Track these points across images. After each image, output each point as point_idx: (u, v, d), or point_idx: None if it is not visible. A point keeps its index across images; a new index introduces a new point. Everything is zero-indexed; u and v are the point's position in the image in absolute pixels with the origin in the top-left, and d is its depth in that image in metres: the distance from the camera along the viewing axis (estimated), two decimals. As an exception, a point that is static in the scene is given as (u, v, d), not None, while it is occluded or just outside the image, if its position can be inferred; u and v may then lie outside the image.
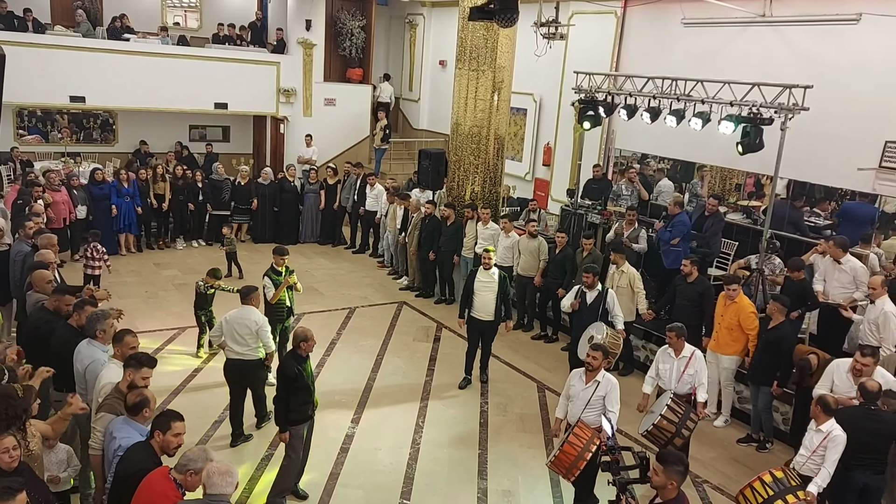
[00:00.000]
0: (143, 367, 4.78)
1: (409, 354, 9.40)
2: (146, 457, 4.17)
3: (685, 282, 8.42)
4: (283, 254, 8.26)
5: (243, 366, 6.88)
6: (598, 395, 5.99)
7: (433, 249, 11.20)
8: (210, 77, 15.01)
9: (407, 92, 19.08)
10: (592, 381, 6.04)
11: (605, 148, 13.00)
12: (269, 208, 13.74)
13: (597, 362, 6.04)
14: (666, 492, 4.23)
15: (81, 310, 5.73)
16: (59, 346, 5.66)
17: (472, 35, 10.98)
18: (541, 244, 10.02)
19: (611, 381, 6.04)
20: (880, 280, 7.28)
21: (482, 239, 10.55)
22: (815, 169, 9.84)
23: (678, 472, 4.23)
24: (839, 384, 6.34)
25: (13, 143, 14.19)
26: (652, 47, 12.01)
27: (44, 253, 7.29)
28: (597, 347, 6.13)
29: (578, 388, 6.10)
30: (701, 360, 6.66)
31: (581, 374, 6.16)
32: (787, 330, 7.40)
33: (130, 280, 11.36)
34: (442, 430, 7.56)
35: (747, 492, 5.31)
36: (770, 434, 7.60)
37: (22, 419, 4.33)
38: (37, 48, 13.35)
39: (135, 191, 12.49)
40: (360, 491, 6.40)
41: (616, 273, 8.87)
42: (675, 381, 6.62)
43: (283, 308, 8.15)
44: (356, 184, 13.75)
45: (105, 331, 5.46)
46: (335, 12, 16.88)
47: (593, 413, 5.98)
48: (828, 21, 9.61)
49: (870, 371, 6.10)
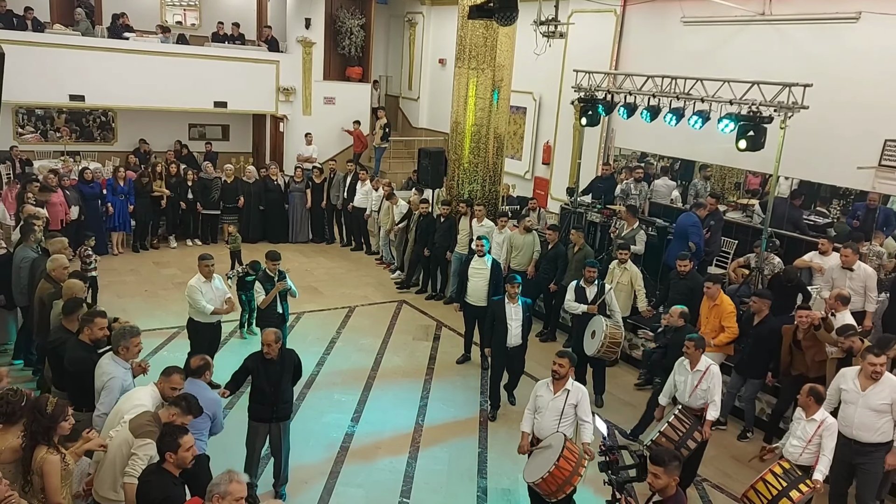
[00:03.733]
0: (172, 376, 4.87)
1: (409, 353, 9.40)
2: (166, 482, 4.10)
3: (679, 277, 8.55)
4: (275, 259, 8.06)
5: None
6: (570, 403, 5.67)
7: (427, 246, 11.30)
8: (209, 76, 15.03)
9: (406, 90, 19.07)
10: (562, 391, 5.69)
11: (605, 146, 13.00)
12: (256, 207, 13.73)
13: (563, 370, 5.68)
14: (667, 490, 4.25)
15: (91, 323, 5.58)
16: (72, 364, 5.50)
17: (471, 33, 10.97)
18: (534, 238, 10.17)
19: (580, 389, 5.75)
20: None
21: (477, 236, 10.55)
22: (815, 167, 9.86)
23: (677, 468, 4.31)
24: (848, 390, 6.03)
25: (13, 142, 14.19)
26: (651, 46, 12.01)
27: (58, 258, 7.17)
28: (562, 354, 5.76)
29: (547, 399, 5.72)
30: (716, 375, 6.33)
31: (548, 383, 5.78)
32: (773, 323, 7.51)
33: (130, 279, 11.36)
34: (442, 428, 7.56)
35: (759, 486, 5.35)
36: (751, 424, 7.75)
37: (48, 435, 4.26)
38: (36, 47, 13.36)
39: (130, 189, 12.44)
40: (361, 489, 6.41)
41: (618, 269, 8.96)
42: (688, 395, 6.40)
43: (273, 314, 7.91)
44: (344, 181, 13.75)
45: (128, 348, 5.30)
46: (334, 11, 16.88)
47: (568, 424, 5.69)
48: (827, 19, 9.62)
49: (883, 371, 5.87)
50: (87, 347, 5.54)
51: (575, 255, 9.53)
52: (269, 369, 5.87)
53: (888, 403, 5.82)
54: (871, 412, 5.84)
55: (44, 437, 4.26)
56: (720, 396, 6.40)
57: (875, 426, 5.86)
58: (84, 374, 5.37)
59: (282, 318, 8.10)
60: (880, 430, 5.88)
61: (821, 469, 5.54)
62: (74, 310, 5.90)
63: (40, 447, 4.24)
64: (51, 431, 4.29)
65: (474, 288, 8.87)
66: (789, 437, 5.81)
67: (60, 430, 4.36)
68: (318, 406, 7.81)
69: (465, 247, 10.76)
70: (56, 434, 4.33)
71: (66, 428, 4.40)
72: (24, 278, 7.70)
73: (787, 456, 5.71)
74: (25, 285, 7.70)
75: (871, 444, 5.90)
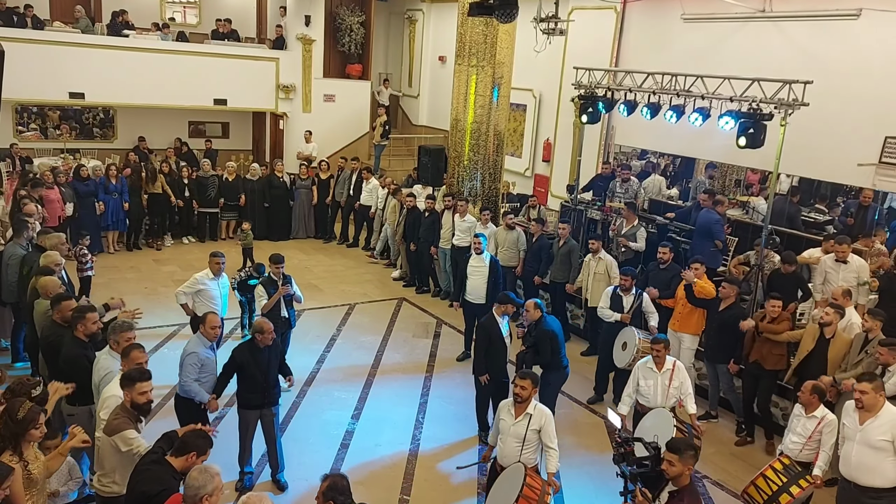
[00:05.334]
0: (135, 384, 4.59)
1: (409, 350, 9.41)
2: (165, 475, 4.04)
3: (658, 267, 8.61)
4: (278, 262, 7.82)
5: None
6: (532, 429, 5.30)
7: (413, 241, 11.38)
8: (209, 73, 15.00)
9: (406, 88, 19.05)
10: (523, 415, 5.31)
11: (605, 144, 12.99)
12: (260, 204, 13.71)
13: (526, 392, 5.29)
14: (682, 479, 4.31)
15: (83, 318, 5.59)
16: (67, 360, 5.53)
17: (471, 31, 10.96)
18: (519, 235, 10.20)
19: (544, 413, 5.37)
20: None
21: (459, 231, 10.59)
22: (815, 165, 9.84)
23: (692, 458, 4.37)
24: (847, 425, 5.43)
25: (12, 139, 14.18)
26: (652, 43, 11.99)
27: (51, 254, 7.10)
28: (524, 375, 5.37)
29: (508, 423, 5.35)
30: (682, 369, 6.34)
31: (510, 406, 5.40)
32: (738, 310, 7.66)
33: (130, 276, 11.36)
34: (442, 425, 7.57)
35: (760, 482, 5.37)
36: (741, 413, 7.78)
37: (15, 442, 4.17)
38: (36, 44, 13.33)
39: (122, 187, 12.39)
40: (361, 486, 6.40)
41: (593, 260, 9.06)
42: (662, 397, 6.23)
43: (277, 319, 7.55)
44: (351, 178, 13.74)
45: (118, 342, 5.31)
46: (334, 8, 16.86)
47: (532, 450, 5.35)
48: (828, 16, 9.60)
49: (870, 399, 5.19)
50: (83, 344, 5.59)
51: (560, 249, 9.64)
52: (259, 358, 5.99)
53: (888, 440, 5.10)
54: (869, 449, 5.15)
55: (10, 442, 4.16)
56: (692, 388, 6.40)
57: (872, 466, 5.14)
58: (80, 371, 5.41)
59: (287, 324, 7.93)
60: (879, 471, 5.13)
61: (820, 465, 5.56)
62: (62, 303, 5.91)
63: (5, 453, 4.14)
64: (18, 438, 4.18)
65: (473, 286, 8.86)
66: (789, 434, 5.81)
67: (30, 437, 4.24)
68: (318, 403, 7.82)
69: (449, 242, 10.76)
70: (25, 441, 4.22)
71: (35, 436, 4.27)
72: (13, 275, 7.66)
73: (787, 452, 5.72)
74: (13, 282, 7.65)
75: (873, 490, 5.17)
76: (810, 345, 6.92)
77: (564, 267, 9.67)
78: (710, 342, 7.81)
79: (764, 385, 7.44)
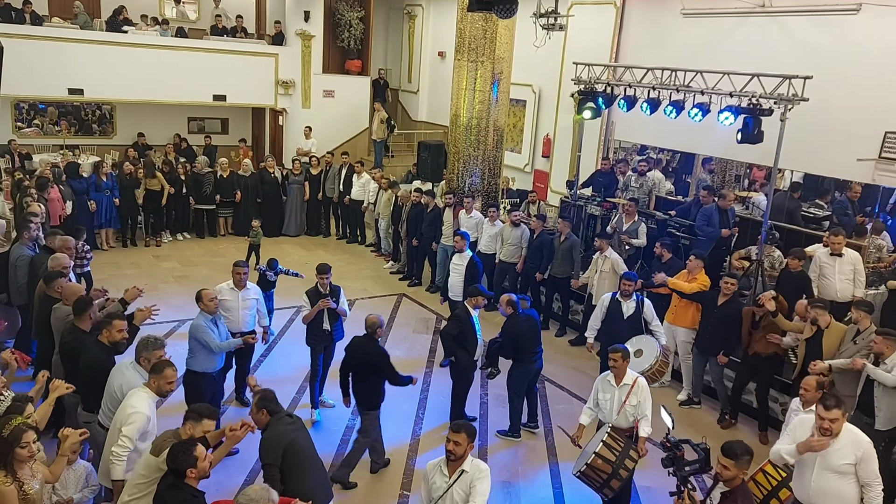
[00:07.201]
0: (202, 420, 4.48)
1: (409, 346, 9.42)
2: (185, 497, 3.97)
3: (659, 264, 8.74)
4: (324, 272, 7.28)
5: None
6: (459, 489, 4.39)
7: (416, 236, 11.42)
8: (208, 69, 14.99)
9: (406, 83, 19.03)
10: (456, 472, 4.44)
11: (605, 139, 12.97)
12: (252, 200, 13.70)
13: (461, 449, 4.40)
14: (734, 481, 4.38)
15: (109, 325, 5.42)
16: (89, 366, 5.32)
17: (471, 26, 10.94)
18: (523, 232, 10.23)
19: (479, 469, 4.45)
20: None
21: (466, 228, 10.58)
22: (815, 160, 9.82)
23: (747, 463, 4.41)
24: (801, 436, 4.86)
25: (11, 135, 14.17)
26: (651, 38, 11.97)
27: (59, 257, 6.91)
28: (458, 429, 4.49)
29: (440, 484, 4.48)
30: (645, 388, 5.76)
31: (441, 465, 4.53)
32: (737, 304, 7.75)
33: (130, 272, 11.35)
34: (442, 421, 7.57)
35: (759, 477, 5.38)
36: (726, 405, 7.88)
37: (4, 461, 4.02)
38: (35, 40, 13.32)
39: (113, 184, 12.35)
40: (361, 482, 6.43)
41: (600, 258, 9.08)
42: (616, 413, 5.71)
43: (319, 331, 7.34)
44: (340, 173, 13.73)
45: (149, 360, 5.10)
46: (334, 3, 16.83)
47: None
48: (828, 11, 9.58)
49: (839, 426, 4.63)
50: (106, 349, 5.39)
51: (561, 245, 9.66)
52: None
53: (850, 463, 4.59)
54: (831, 474, 4.62)
55: (0, 462, 4.03)
56: (651, 410, 5.73)
57: (834, 491, 4.63)
58: (100, 377, 5.21)
59: (329, 337, 7.48)
60: (842, 496, 4.63)
61: None
62: (85, 309, 5.74)
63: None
64: (6, 457, 4.03)
65: (452, 283, 9.29)
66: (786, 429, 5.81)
67: (17, 456, 4.06)
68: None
69: (450, 238, 10.78)
70: (13, 460, 4.05)
71: (23, 455, 4.08)
72: (22, 277, 7.51)
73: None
74: (24, 284, 7.50)
75: None
76: (808, 334, 6.95)
77: (566, 262, 9.71)
78: (708, 335, 7.82)
79: (762, 378, 7.51)
